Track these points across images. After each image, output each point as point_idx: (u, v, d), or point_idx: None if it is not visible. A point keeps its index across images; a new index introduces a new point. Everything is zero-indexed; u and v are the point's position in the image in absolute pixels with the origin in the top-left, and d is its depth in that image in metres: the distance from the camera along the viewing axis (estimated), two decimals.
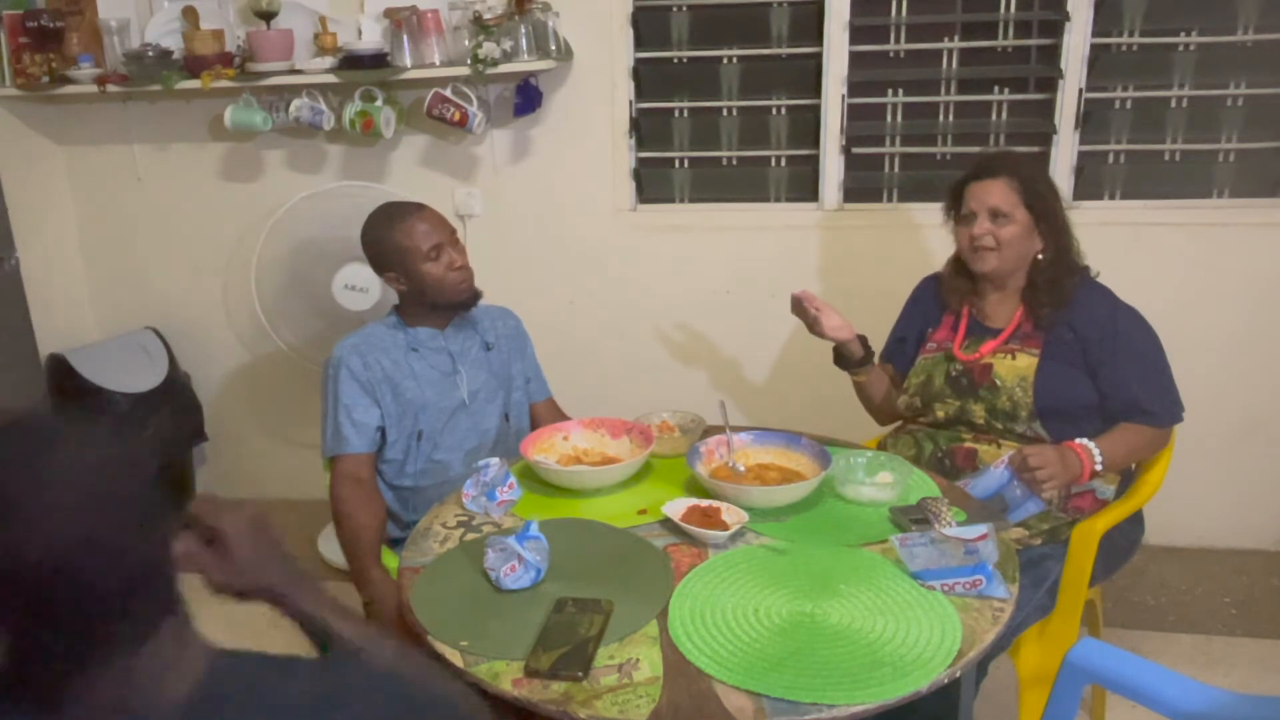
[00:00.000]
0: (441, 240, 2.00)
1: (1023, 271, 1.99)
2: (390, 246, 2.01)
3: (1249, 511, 2.87)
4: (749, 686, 1.25)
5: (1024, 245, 1.96)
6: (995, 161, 2.00)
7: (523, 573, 1.49)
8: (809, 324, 2.10)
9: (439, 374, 2.06)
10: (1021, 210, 1.94)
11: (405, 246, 1.99)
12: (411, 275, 2.00)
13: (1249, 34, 2.60)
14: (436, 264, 1.99)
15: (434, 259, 1.99)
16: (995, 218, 1.94)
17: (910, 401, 2.08)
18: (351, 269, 2.72)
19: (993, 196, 1.95)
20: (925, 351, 2.09)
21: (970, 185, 1.99)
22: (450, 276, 2.00)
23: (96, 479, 0.81)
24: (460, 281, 2.02)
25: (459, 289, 2.03)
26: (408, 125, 2.92)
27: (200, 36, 2.79)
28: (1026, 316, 1.99)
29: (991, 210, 1.94)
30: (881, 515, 1.69)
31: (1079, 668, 1.48)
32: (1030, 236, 1.96)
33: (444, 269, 2.00)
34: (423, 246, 1.98)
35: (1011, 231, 1.94)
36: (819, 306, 2.08)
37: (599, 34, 2.80)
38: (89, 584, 0.79)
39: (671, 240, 2.95)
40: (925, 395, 2.04)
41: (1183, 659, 2.40)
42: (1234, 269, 2.69)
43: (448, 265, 2.00)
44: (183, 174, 3.13)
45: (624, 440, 1.95)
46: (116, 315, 3.29)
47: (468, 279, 2.04)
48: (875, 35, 2.74)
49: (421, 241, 1.98)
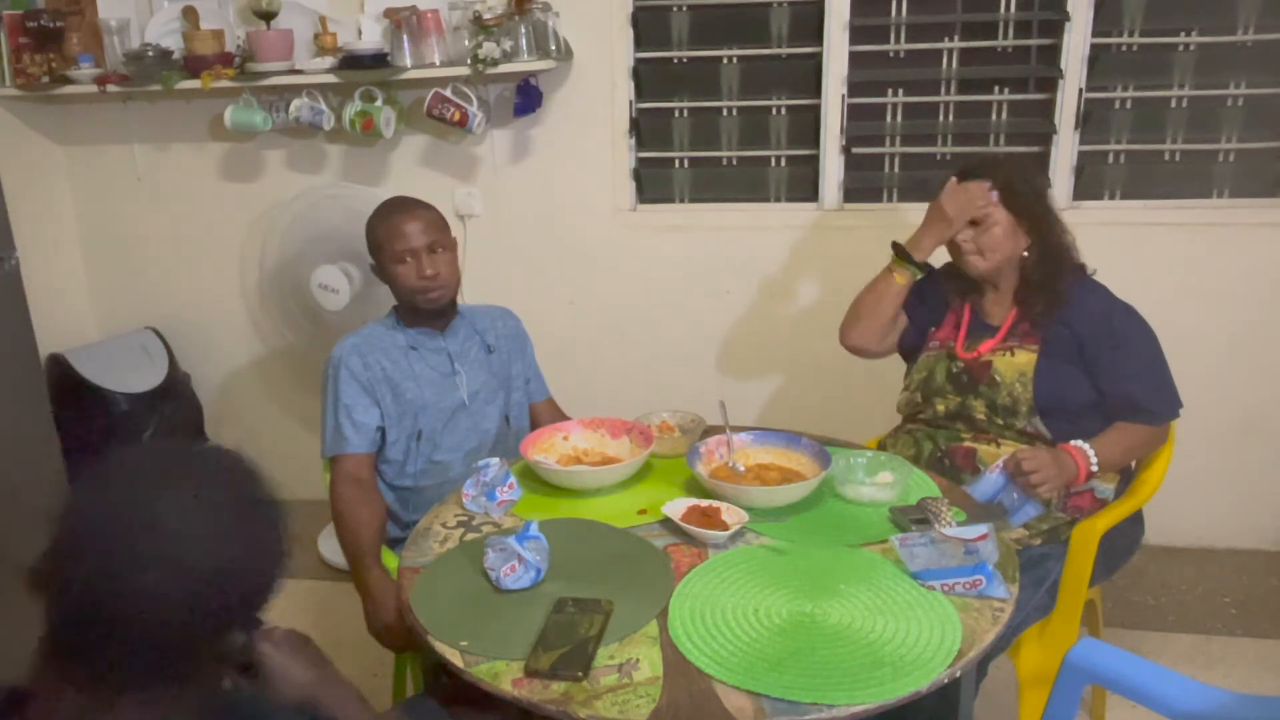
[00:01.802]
0: (418, 247, 1.98)
1: (1014, 270, 1.99)
2: (372, 238, 2.03)
3: (1249, 511, 2.87)
4: (749, 686, 1.25)
5: (1009, 245, 1.96)
6: (975, 165, 2.01)
7: (523, 573, 1.49)
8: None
9: (438, 374, 2.06)
10: (1000, 211, 1.94)
11: (381, 243, 2.00)
12: (384, 272, 2.03)
13: (1249, 34, 2.60)
14: (405, 268, 1.98)
15: (404, 263, 1.98)
16: (974, 224, 1.95)
17: (911, 397, 2.09)
18: (324, 270, 2.74)
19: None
20: (928, 350, 2.09)
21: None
22: (417, 284, 1.98)
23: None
24: (426, 291, 1.99)
25: (424, 298, 2.00)
26: (408, 125, 2.92)
27: (200, 36, 2.79)
28: (1021, 315, 1.99)
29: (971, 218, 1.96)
30: (881, 515, 1.69)
31: (1079, 668, 1.48)
32: (1014, 236, 1.96)
33: (413, 275, 1.98)
34: (396, 247, 1.98)
35: (992, 236, 1.95)
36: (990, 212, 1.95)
37: (599, 34, 2.80)
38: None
39: (671, 240, 2.95)
40: (926, 391, 2.05)
41: (1183, 659, 2.40)
42: (1234, 269, 2.69)
43: (417, 273, 1.98)
44: (183, 174, 3.13)
45: (624, 440, 1.95)
46: (116, 315, 3.30)
47: (438, 291, 2.00)
48: (875, 35, 2.74)
49: (396, 242, 1.98)
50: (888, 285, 2.09)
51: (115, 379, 3.02)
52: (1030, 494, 1.81)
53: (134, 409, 3.01)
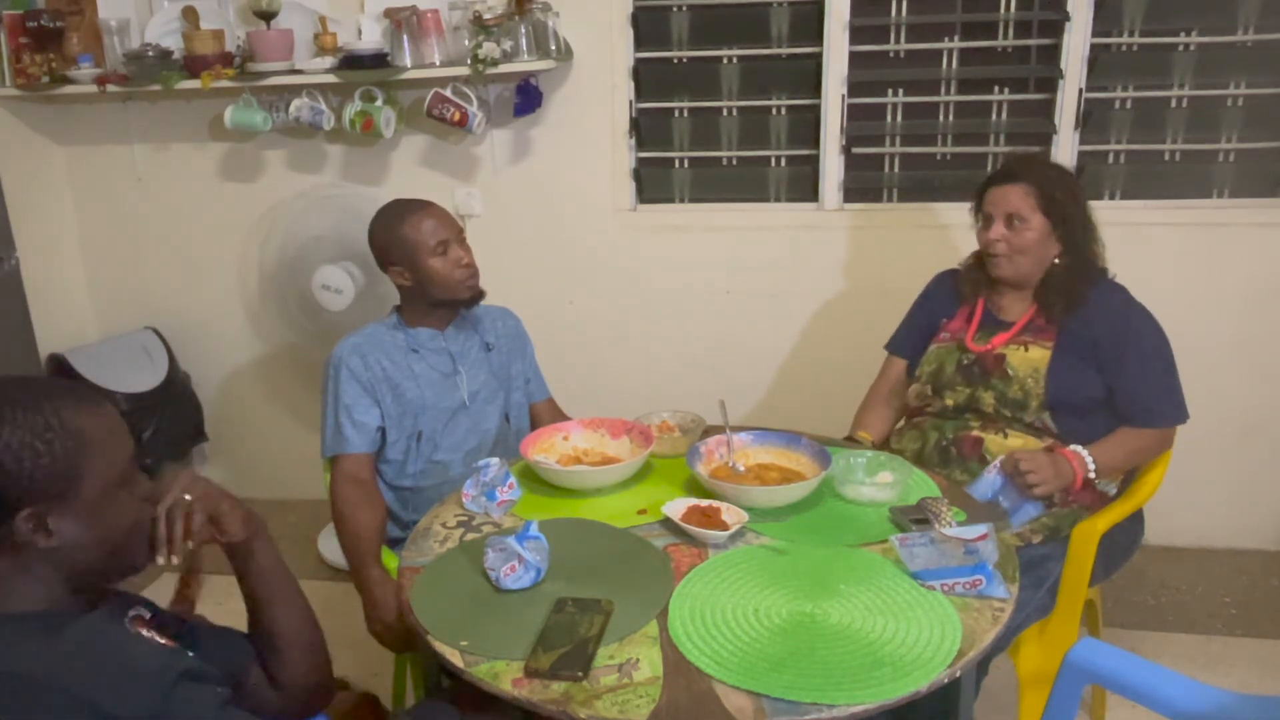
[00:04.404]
0: (448, 236, 2.01)
1: (1039, 272, 2.00)
2: (397, 240, 2.01)
3: (1249, 511, 2.87)
4: (749, 686, 1.25)
5: (1040, 251, 1.96)
6: (1017, 166, 2.01)
7: (523, 573, 1.49)
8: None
9: (439, 375, 2.06)
10: (1038, 216, 1.95)
11: (413, 240, 1.99)
12: (417, 270, 2.01)
13: (1249, 34, 2.60)
14: (443, 259, 2.00)
15: (440, 254, 2.00)
16: (1011, 223, 1.95)
17: (921, 390, 2.09)
18: (327, 270, 2.73)
19: (1009, 202, 1.96)
20: (938, 340, 2.10)
21: (990, 189, 2.00)
22: (456, 273, 2.01)
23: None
24: (466, 279, 2.03)
25: (464, 286, 2.03)
26: (408, 125, 2.92)
27: (200, 36, 2.79)
28: (1039, 312, 2.00)
29: (1007, 216, 1.96)
30: (881, 515, 1.69)
31: (1079, 668, 1.48)
32: (1047, 242, 1.96)
33: (450, 265, 2.00)
34: (430, 241, 1.99)
35: (1026, 238, 1.95)
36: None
37: (599, 34, 2.80)
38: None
39: (671, 240, 2.95)
40: (936, 383, 2.05)
41: (1183, 659, 2.39)
42: (1234, 269, 2.69)
43: (455, 262, 2.01)
44: (183, 174, 3.13)
45: (624, 440, 1.95)
46: (116, 315, 3.30)
47: (473, 277, 2.05)
48: (875, 35, 2.74)
49: (429, 236, 1.99)
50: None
51: (115, 379, 3.02)
52: (1026, 495, 1.81)
53: (134, 409, 3.01)
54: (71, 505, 1.08)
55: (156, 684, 1.03)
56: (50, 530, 1.07)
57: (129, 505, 1.14)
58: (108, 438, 1.11)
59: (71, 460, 1.06)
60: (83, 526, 1.09)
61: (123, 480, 1.13)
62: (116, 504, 1.12)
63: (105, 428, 1.11)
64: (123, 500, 1.13)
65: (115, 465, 1.11)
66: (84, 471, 1.08)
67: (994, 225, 1.97)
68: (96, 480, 1.09)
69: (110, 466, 1.10)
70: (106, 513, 1.11)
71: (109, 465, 1.10)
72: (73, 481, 1.07)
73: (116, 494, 1.12)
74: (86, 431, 1.08)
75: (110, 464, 1.10)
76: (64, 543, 1.08)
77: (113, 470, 1.11)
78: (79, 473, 1.07)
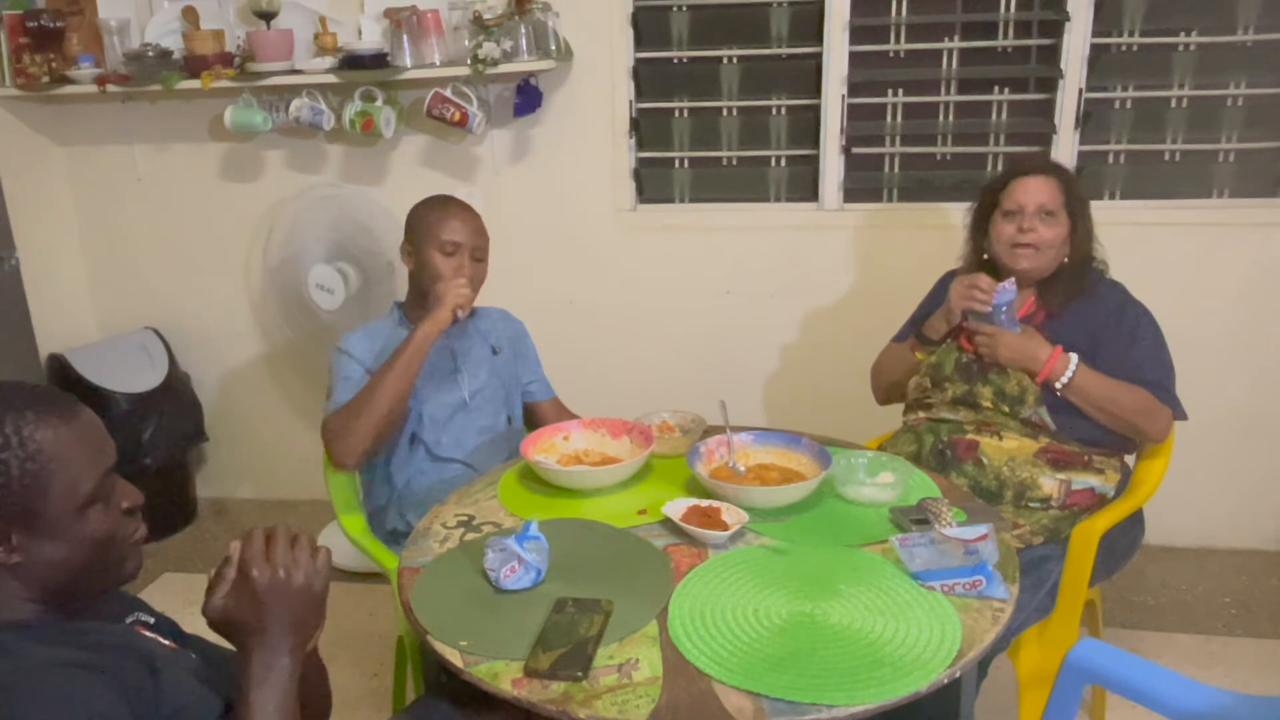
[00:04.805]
0: (463, 242, 2.01)
1: (1051, 270, 2.00)
2: (420, 219, 2.04)
3: (1249, 511, 2.87)
4: (749, 686, 1.25)
5: (1061, 247, 1.97)
6: (1042, 160, 2.01)
7: (523, 573, 1.49)
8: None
9: (440, 372, 2.06)
10: (1064, 212, 1.95)
11: (431, 228, 2.01)
12: (420, 255, 2.02)
13: (1249, 34, 2.60)
14: (445, 259, 2.00)
15: (446, 254, 2.00)
16: (1043, 216, 1.94)
17: (920, 381, 2.10)
18: (319, 269, 2.75)
19: (1042, 193, 1.94)
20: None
21: (1018, 181, 1.97)
22: (453, 282, 1.96)
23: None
24: (455, 292, 1.95)
25: (454, 297, 1.95)
26: (408, 125, 2.93)
27: (200, 36, 2.79)
28: (1038, 308, 2.00)
29: (1040, 207, 1.94)
30: (881, 515, 1.69)
31: (1079, 668, 1.48)
32: (1066, 241, 1.96)
33: (450, 269, 2.00)
34: (443, 236, 2.00)
35: (1055, 232, 1.94)
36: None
37: (599, 34, 2.80)
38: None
39: (671, 240, 2.95)
40: (935, 376, 2.06)
41: (1183, 659, 2.40)
42: (1234, 269, 2.69)
43: (455, 268, 2.00)
44: (183, 174, 3.13)
45: (624, 440, 1.95)
46: (116, 315, 3.30)
47: (464, 298, 1.96)
48: (875, 35, 2.74)
49: (446, 233, 2.00)
50: (910, 360, 2.14)
51: (115, 379, 3.02)
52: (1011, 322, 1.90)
53: (134, 409, 3.01)
54: (33, 524, 1.02)
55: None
56: (14, 546, 1.02)
57: (102, 519, 1.07)
58: (74, 452, 1.04)
59: (30, 480, 1.01)
60: (51, 544, 1.03)
61: (95, 495, 1.06)
62: (87, 520, 1.06)
63: (72, 440, 1.04)
64: (95, 515, 1.06)
65: (85, 480, 1.05)
66: (48, 489, 1.02)
67: (1025, 216, 1.94)
68: (62, 499, 1.03)
69: (78, 482, 1.04)
70: (76, 529, 1.05)
71: (76, 481, 1.04)
72: (34, 500, 1.01)
73: (86, 510, 1.05)
74: (49, 448, 1.02)
75: (78, 479, 1.04)
76: (30, 559, 1.03)
77: (81, 486, 1.04)
78: (41, 491, 1.01)
